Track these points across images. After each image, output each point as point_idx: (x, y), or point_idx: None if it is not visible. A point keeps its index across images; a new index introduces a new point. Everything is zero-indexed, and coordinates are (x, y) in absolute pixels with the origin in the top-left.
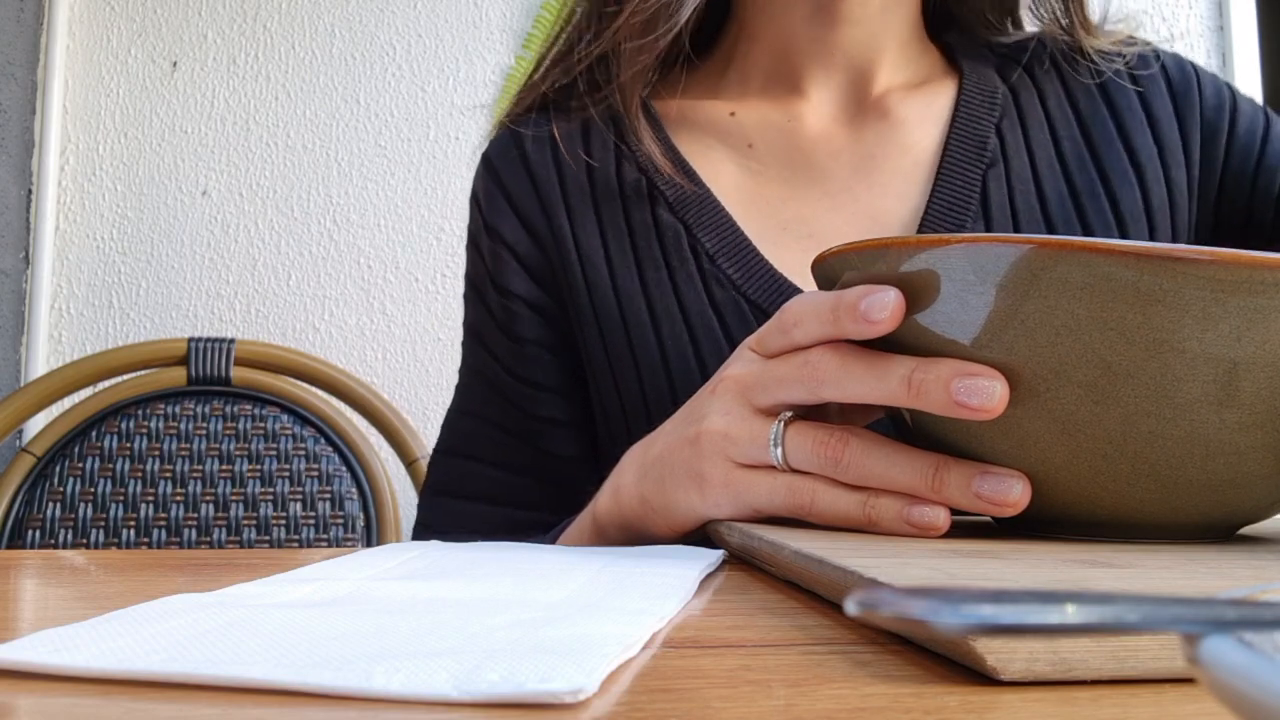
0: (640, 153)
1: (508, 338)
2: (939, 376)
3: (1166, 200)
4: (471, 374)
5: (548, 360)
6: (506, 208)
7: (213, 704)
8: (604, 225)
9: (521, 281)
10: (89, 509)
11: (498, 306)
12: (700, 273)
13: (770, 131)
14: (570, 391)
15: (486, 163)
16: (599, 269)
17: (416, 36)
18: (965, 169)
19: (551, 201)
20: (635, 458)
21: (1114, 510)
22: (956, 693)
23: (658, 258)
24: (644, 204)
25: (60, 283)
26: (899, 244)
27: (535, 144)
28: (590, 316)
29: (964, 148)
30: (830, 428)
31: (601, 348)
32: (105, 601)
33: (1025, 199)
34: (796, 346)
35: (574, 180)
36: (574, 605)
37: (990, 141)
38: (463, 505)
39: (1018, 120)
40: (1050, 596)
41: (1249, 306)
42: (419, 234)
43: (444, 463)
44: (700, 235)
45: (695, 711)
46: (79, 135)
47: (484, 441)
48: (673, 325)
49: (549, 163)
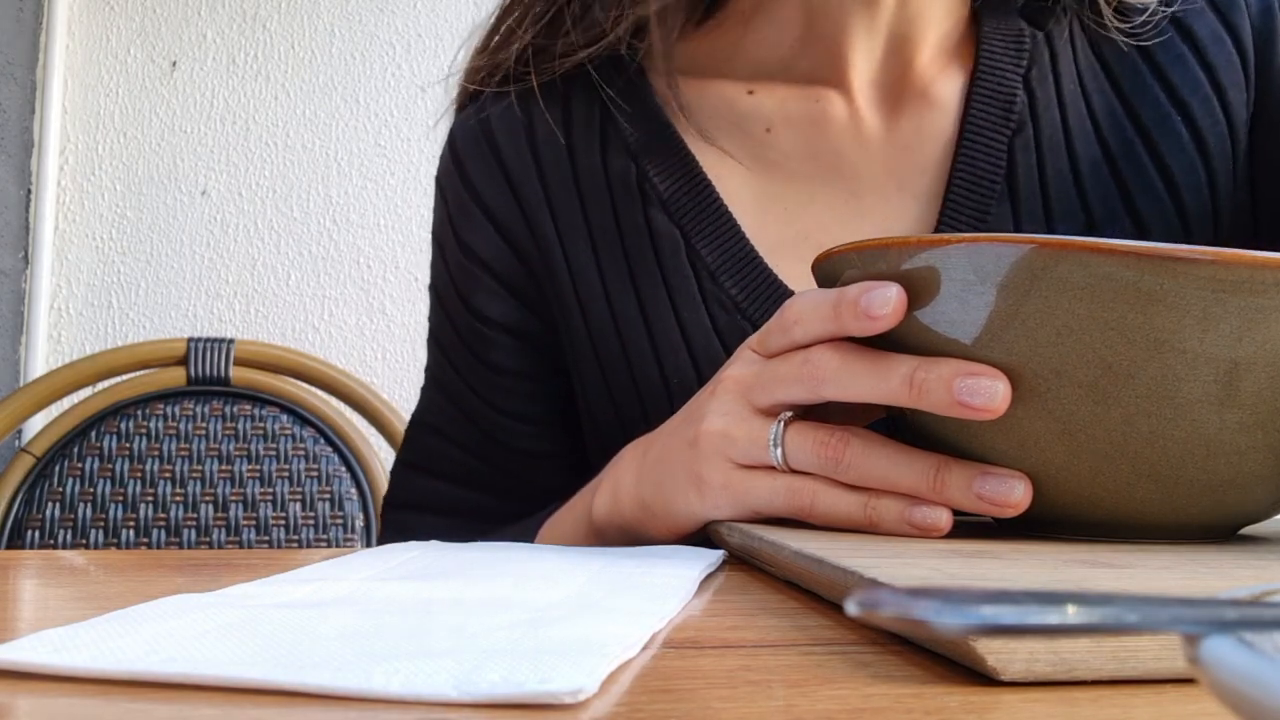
0: (630, 133)
1: (477, 360)
2: (941, 376)
3: (1226, 133)
4: (437, 392)
5: (527, 390)
6: (480, 217)
7: (213, 704)
8: (593, 231)
9: (499, 305)
10: (88, 509)
11: (466, 329)
12: (701, 293)
13: (794, 115)
14: (555, 420)
15: (453, 155)
16: (593, 287)
17: (416, 36)
18: (990, 138)
19: (532, 203)
20: (633, 459)
21: (1114, 510)
22: (957, 693)
23: (654, 273)
24: (635, 202)
25: (60, 283)
26: (900, 244)
27: (505, 131)
28: (586, 344)
29: (988, 110)
30: (830, 428)
31: (600, 376)
32: (105, 601)
33: (1056, 166)
34: (798, 345)
35: (555, 172)
36: (574, 605)
37: (1018, 99)
38: (423, 519)
39: (1049, 68)
40: (1050, 596)
41: (1250, 306)
42: (419, 234)
43: (406, 478)
44: (700, 246)
45: (695, 711)
46: (78, 135)
47: (450, 462)
48: (676, 358)
49: (524, 152)
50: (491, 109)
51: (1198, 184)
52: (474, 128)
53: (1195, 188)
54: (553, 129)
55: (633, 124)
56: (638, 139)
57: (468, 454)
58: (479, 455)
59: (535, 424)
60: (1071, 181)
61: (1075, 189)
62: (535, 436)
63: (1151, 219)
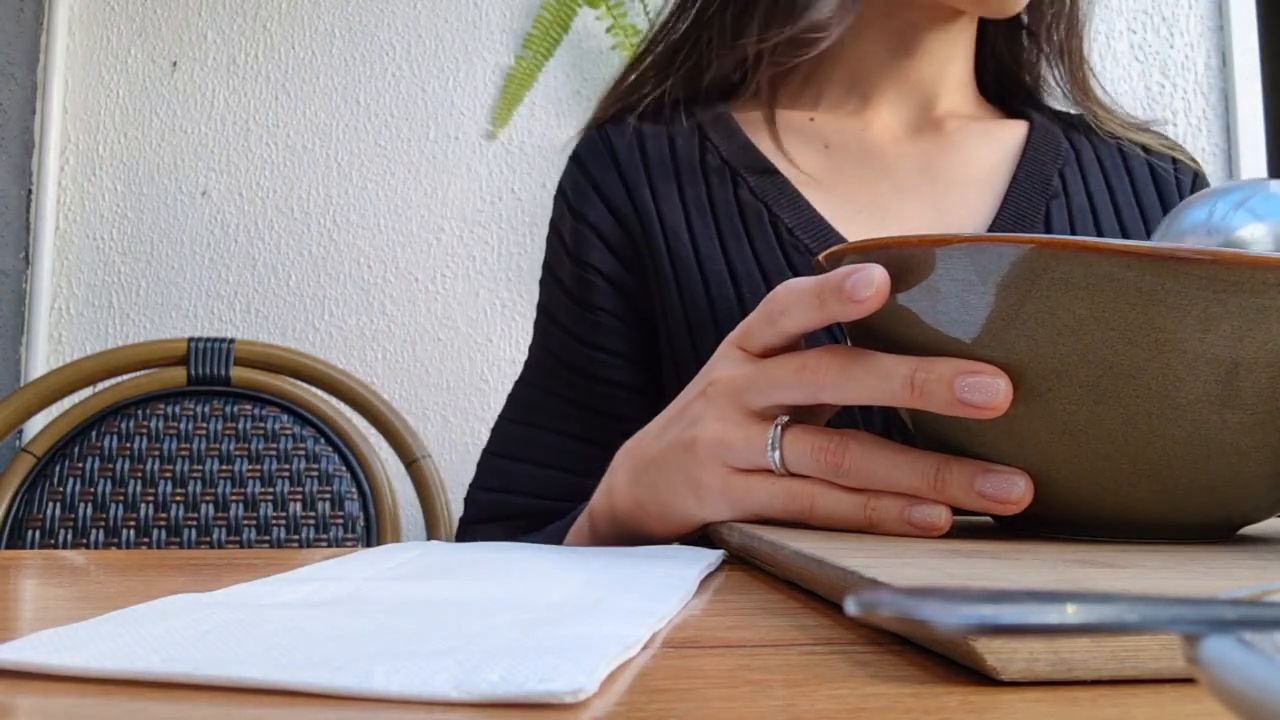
0: (721, 147)
1: (580, 307)
2: (942, 375)
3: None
4: (541, 352)
5: (618, 328)
6: (594, 196)
7: (213, 704)
8: (687, 202)
9: (601, 256)
10: (89, 509)
11: (571, 278)
12: (780, 244)
13: (845, 135)
14: (638, 358)
15: (576, 159)
16: (680, 237)
17: (416, 36)
18: (1030, 195)
19: (637, 185)
20: (626, 458)
21: (1115, 510)
22: (956, 693)
23: (739, 230)
24: (727, 185)
25: (60, 283)
26: (901, 243)
27: (620, 138)
28: (670, 276)
29: (1030, 178)
30: (829, 432)
31: (679, 306)
32: (105, 601)
33: (1085, 231)
34: (785, 335)
35: (659, 165)
36: (574, 605)
37: (1054, 180)
38: (520, 468)
39: (1079, 171)
40: (1050, 596)
41: (1251, 306)
42: (419, 234)
43: (506, 429)
44: (780, 213)
45: (695, 711)
46: (79, 135)
47: (547, 411)
48: (752, 284)
49: (634, 150)
50: (610, 126)
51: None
52: (594, 137)
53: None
54: (659, 139)
55: (722, 141)
56: (728, 151)
57: (572, 405)
58: (573, 398)
59: (623, 357)
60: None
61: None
62: (622, 369)
63: None
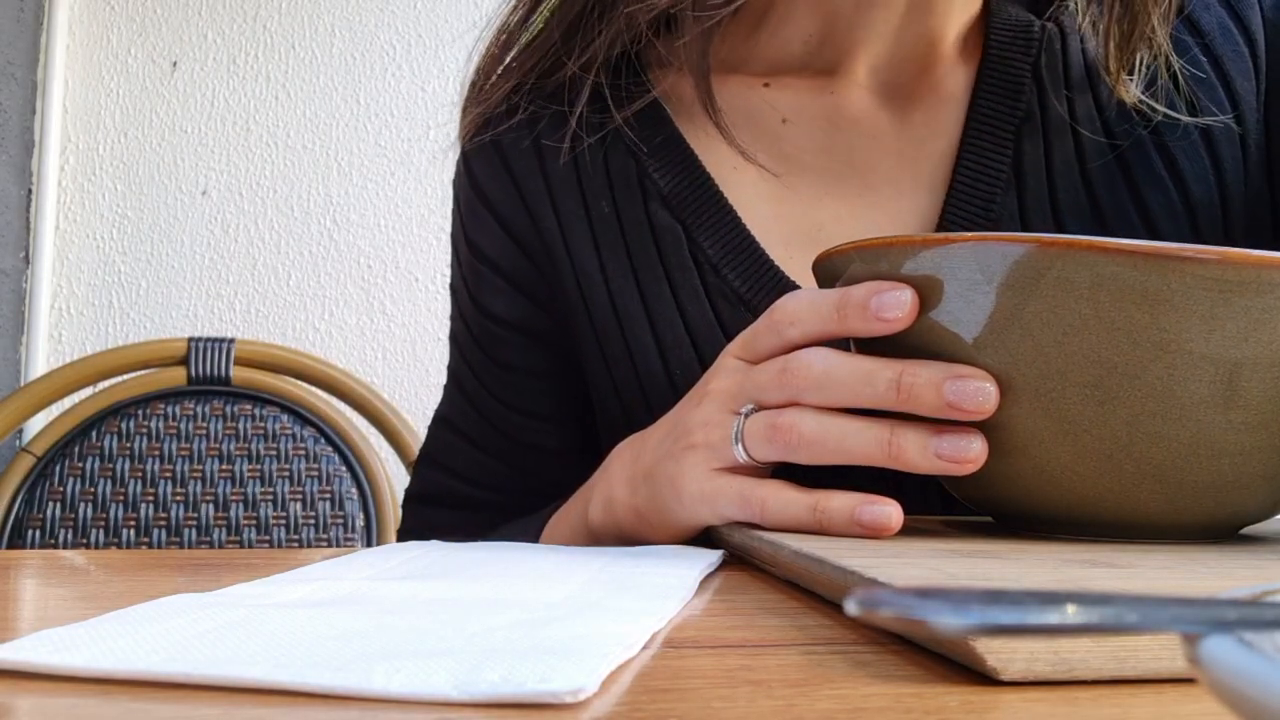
0: (631, 131)
1: (492, 362)
2: (930, 380)
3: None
4: (453, 383)
5: (538, 388)
6: (486, 215)
7: (213, 704)
8: (594, 226)
9: (507, 302)
10: (89, 509)
11: (479, 328)
12: (704, 286)
13: (808, 109)
14: (567, 416)
15: (464, 160)
16: (595, 282)
17: (416, 36)
18: (996, 128)
19: (535, 198)
20: (624, 467)
21: (1117, 511)
22: (956, 693)
23: (656, 267)
24: (635, 198)
25: (60, 282)
26: (903, 243)
27: (511, 133)
28: (588, 329)
29: (995, 100)
30: (781, 410)
31: (604, 369)
32: (105, 601)
33: (1063, 156)
34: (792, 346)
35: (557, 169)
36: (574, 605)
37: (1025, 88)
38: (441, 514)
39: (1059, 58)
40: (1050, 596)
41: (1254, 307)
42: (419, 234)
43: (425, 470)
44: (701, 239)
45: (695, 711)
46: (79, 135)
47: (466, 458)
48: (680, 352)
49: (528, 152)
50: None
51: (1204, 173)
52: (484, 136)
53: (1201, 177)
54: (557, 132)
55: (635, 122)
56: (638, 136)
57: (484, 452)
58: (494, 453)
59: (548, 420)
60: (1078, 171)
61: (1082, 179)
62: (548, 433)
63: (1158, 210)
